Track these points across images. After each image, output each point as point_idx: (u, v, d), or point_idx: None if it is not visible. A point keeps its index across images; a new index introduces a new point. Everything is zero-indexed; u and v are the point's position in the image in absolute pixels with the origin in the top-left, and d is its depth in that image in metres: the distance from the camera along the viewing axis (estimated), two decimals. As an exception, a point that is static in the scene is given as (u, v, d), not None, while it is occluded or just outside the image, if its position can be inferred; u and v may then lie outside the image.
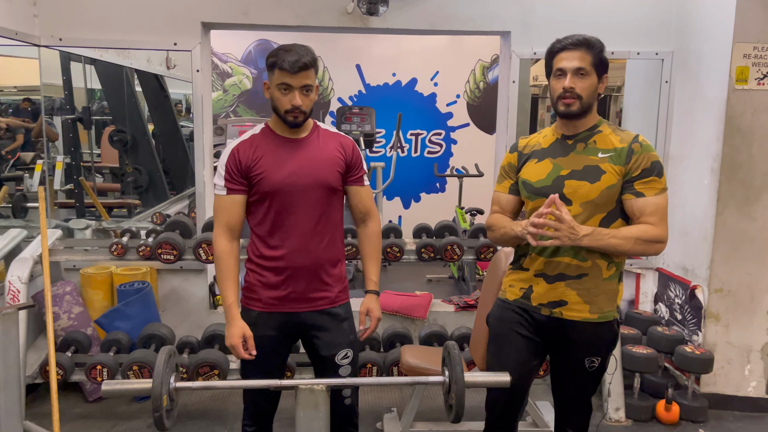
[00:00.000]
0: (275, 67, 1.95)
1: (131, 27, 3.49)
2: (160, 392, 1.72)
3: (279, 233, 2.05)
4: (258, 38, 6.56)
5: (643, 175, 1.91)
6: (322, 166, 2.05)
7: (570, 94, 1.91)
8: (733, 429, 3.22)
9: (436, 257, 3.38)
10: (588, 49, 1.91)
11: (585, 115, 1.96)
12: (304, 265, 2.06)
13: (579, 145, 1.98)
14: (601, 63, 1.93)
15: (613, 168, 1.92)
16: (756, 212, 3.24)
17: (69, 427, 3.07)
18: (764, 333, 3.33)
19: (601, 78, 1.95)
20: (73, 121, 5.94)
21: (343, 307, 2.17)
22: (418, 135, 6.82)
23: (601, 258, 1.95)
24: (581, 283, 1.97)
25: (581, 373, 2.04)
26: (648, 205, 1.90)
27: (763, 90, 3.18)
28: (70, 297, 3.40)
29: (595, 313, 1.98)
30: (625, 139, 1.95)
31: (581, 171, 1.94)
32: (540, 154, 2.04)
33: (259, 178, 2.01)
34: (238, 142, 2.07)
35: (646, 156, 1.91)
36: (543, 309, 2.02)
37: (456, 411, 1.80)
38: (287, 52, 1.94)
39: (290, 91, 1.96)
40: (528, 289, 2.05)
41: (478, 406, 3.31)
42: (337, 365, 2.14)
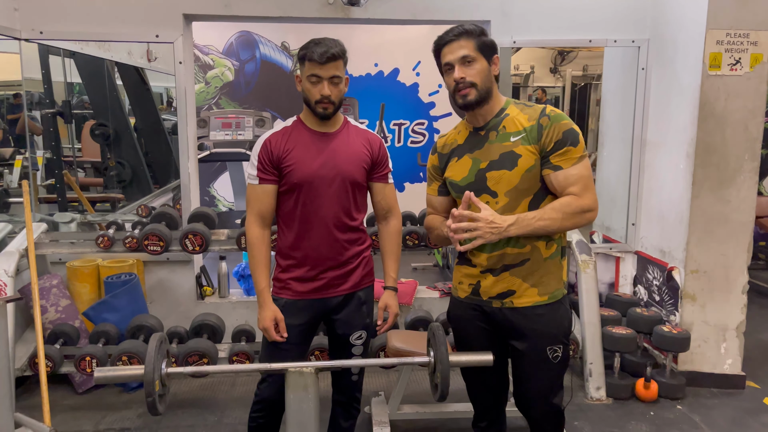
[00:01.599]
0: (305, 59, 2.03)
1: (112, 19, 3.48)
2: (152, 377, 1.76)
3: (306, 224, 2.12)
4: (239, 30, 6.54)
5: (556, 147, 1.86)
6: (349, 160, 2.12)
7: (463, 84, 1.90)
8: (710, 405, 3.32)
9: (421, 244, 3.43)
10: (468, 36, 1.91)
11: (487, 102, 1.93)
12: (330, 255, 2.14)
13: (491, 134, 1.95)
14: (486, 46, 1.92)
15: (527, 149, 1.89)
16: (730, 195, 3.33)
17: (59, 418, 3.10)
18: (739, 312, 3.44)
19: (492, 60, 1.93)
20: (53, 116, 5.90)
21: (366, 290, 2.27)
22: (401, 125, 6.86)
23: (538, 239, 1.93)
24: (525, 269, 1.95)
25: (546, 365, 1.99)
26: (568, 177, 1.86)
27: (736, 75, 3.27)
28: (57, 290, 3.41)
29: (544, 294, 1.97)
30: (532, 116, 1.91)
31: (498, 160, 1.92)
32: (459, 152, 2.03)
33: (290, 170, 2.08)
34: (271, 134, 2.14)
35: (556, 127, 1.87)
36: (494, 302, 2.00)
37: (441, 390, 1.86)
38: (317, 44, 2.01)
39: (319, 81, 2.02)
40: (476, 284, 2.02)
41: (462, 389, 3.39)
42: (351, 345, 2.24)
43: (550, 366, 2.00)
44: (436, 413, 3.03)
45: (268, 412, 2.25)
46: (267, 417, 2.26)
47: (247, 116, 5.40)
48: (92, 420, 3.12)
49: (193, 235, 3.18)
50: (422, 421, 3.07)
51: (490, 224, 1.82)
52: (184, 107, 3.60)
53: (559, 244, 2.00)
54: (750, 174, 3.32)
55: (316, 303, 2.19)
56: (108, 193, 6.31)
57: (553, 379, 2.04)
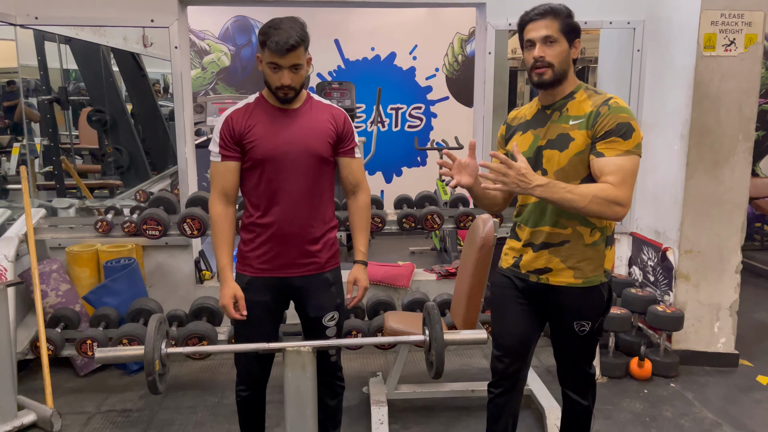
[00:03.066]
0: (265, 46, 1.99)
1: (107, 4, 3.48)
2: (152, 357, 1.79)
3: (270, 201, 2.12)
4: (235, 14, 6.51)
5: (605, 135, 1.88)
6: (313, 135, 2.11)
7: (541, 63, 1.93)
8: (703, 383, 3.37)
9: (417, 227, 3.46)
10: (554, 17, 1.93)
11: (560, 83, 1.97)
12: (294, 231, 2.14)
13: (555, 114, 2.00)
14: (570, 29, 1.94)
15: (581, 134, 1.92)
16: (724, 175, 3.36)
17: (62, 400, 3.14)
18: (732, 291, 3.48)
19: (573, 43, 1.96)
20: (49, 102, 5.88)
21: (333, 272, 2.26)
22: (398, 109, 6.86)
23: (581, 225, 1.98)
24: (564, 250, 2.01)
25: (572, 338, 2.08)
26: (608, 164, 1.86)
27: (730, 56, 3.28)
28: (57, 275, 3.44)
29: (579, 278, 2.02)
30: (596, 104, 1.93)
31: (555, 140, 1.97)
32: (524, 126, 2.09)
33: (252, 146, 2.08)
34: (233, 110, 2.13)
35: (613, 117, 1.87)
36: (531, 276, 2.08)
37: (436, 367, 1.89)
38: (276, 30, 1.97)
39: (279, 69, 2.00)
40: (518, 258, 2.11)
41: (459, 369, 3.45)
42: (324, 326, 2.25)
43: (577, 338, 2.08)
44: (432, 392, 3.08)
45: (249, 385, 2.30)
46: (250, 389, 2.31)
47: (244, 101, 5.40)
48: (94, 402, 3.17)
49: (192, 219, 3.20)
50: (419, 401, 3.13)
51: (520, 176, 1.84)
52: (180, 92, 3.61)
53: (603, 232, 2.01)
54: (744, 155, 3.34)
55: (281, 281, 2.18)
56: (106, 180, 6.30)
57: (581, 350, 2.14)
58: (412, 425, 2.96)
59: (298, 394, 1.91)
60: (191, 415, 3.05)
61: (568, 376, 2.22)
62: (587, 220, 1.99)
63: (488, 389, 2.30)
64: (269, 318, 2.24)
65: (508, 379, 2.24)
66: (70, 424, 2.96)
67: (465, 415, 3.00)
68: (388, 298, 3.50)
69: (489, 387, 2.30)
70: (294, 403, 1.91)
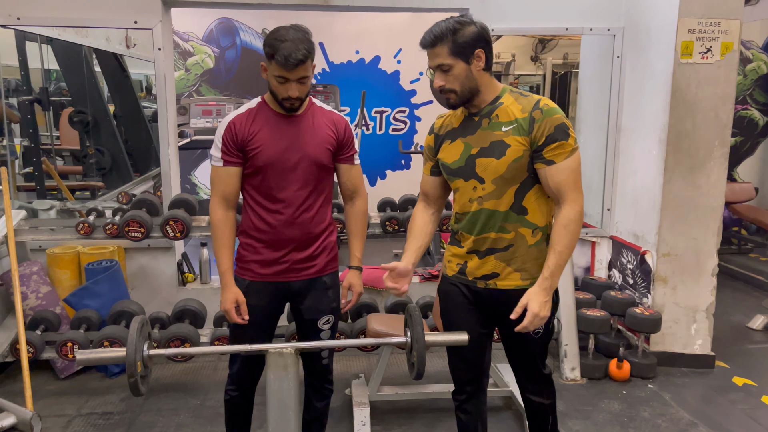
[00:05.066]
0: (272, 59, 1.98)
1: (90, 5, 3.46)
2: (134, 358, 1.79)
3: (269, 206, 2.13)
4: (219, 16, 6.49)
5: (548, 141, 1.89)
6: (314, 143, 2.12)
7: (442, 90, 1.95)
8: (681, 384, 3.43)
9: (401, 230, 3.48)
10: (441, 43, 1.90)
11: (475, 97, 1.96)
12: (294, 236, 2.15)
13: (484, 121, 1.98)
14: (463, 47, 1.90)
15: (517, 140, 1.92)
16: (700, 180, 3.42)
17: (42, 403, 3.12)
18: (709, 294, 3.54)
19: (473, 57, 1.91)
20: (30, 103, 5.83)
21: (331, 276, 2.28)
22: (383, 112, 6.88)
23: (523, 227, 2.00)
24: (509, 254, 2.02)
25: (527, 340, 2.07)
26: (559, 171, 1.90)
27: (707, 63, 3.35)
28: (38, 276, 3.41)
29: (526, 280, 2.02)
30: (526, 108, 1.92)
31: (488, 148, 1.96)
32: (453, 135, 2.06)
33: (255, 152, 2.08)
34: (235, 116, 2.12)
35: (548, 122, 1.89)
36: (479, 282, 2.07)
37: (417, 368, 1.92)
38: (283, 43, 1.95)
39: (287, 82, 2.00)
40: (463, 265, 2.10)
41: (440, 371, 3.47)
42: (319, 329, 2.27)
43: (532, 341, 2.09)
44: (415, 394, 3.10)
45: (238, 386, 2.32)
46: (239, 390, 2.33)
47: (227, 103, 5.40)
48: (75, 404, 3.15)
49: (174, 222, 3.19)
50: (402, 402, 3.15)
51: (542, 318, 1.92)
52: (164, 94, 3.60)
53: (545, 232, 2.03)
54: (720, 160, 3.41)
55: (279, 285, 2.20)
56: (87, 181, 6.26)
57: (536, 351, 2.14)
58: (394, 427, 2.97)
59: (280, 396, 1.92)
60: (173, 417, 3.04)
61: (525, 379, 2.20)
62: (529, 222, 2.00)
63: (453, 397, 2.30)
64: (266, 322, 2.26)
65: (469, 384, 2.25)
66: (51, 427, 2.93)
67: (446, 417, 3.02)
68: (371, 300, 3.51)
69: (453, 395, 2.30)
70: (276, 405, 1.93)
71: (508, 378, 3.16)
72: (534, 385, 2.21)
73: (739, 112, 6.21)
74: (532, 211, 2.00)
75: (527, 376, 2.20)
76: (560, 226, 1.92)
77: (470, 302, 2.13)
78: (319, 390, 2.40)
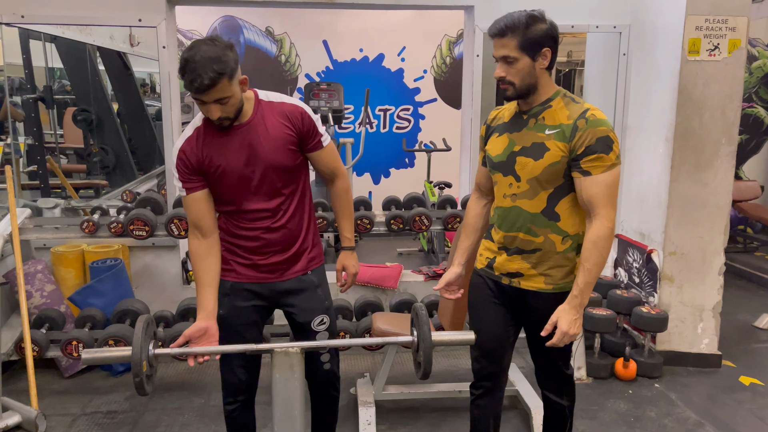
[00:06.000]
0: (184, 84, 1.83)
1: (95, 3, 3.46)
2: (140, 358, 1.78)
3: (244, 218, 2.05)
4: (223, 14, 6.50)
5: (587, 152, 1.88)
6: (272, 148, 1.98)
7: (501, 82, 1.94)
8: (687, 383, 3.42)
9: (405, 228, 3.47)
10: (512, 35, 1.87)
11: (530, 95, 1.96)
12: (274, 239, 2.08)
13: (531, 121, 1.99)
14: (531, 42, 1.88)
15: (557, 145, 1.91)
16: (707, 178, 3.40)
17: (47, 402, 3.12)
18: (715, 293, 3.52)
19: (539, 54, 1.90)
20: (34, 101, 5.83)
21: (316, 272, 2.20)
22: (387, 111, 6.87)
23: (553, 233, 2.00)
24: (535, 257, 2.03)
25: (546, 340, 2.06)
26: (594, 184, 1.89)
27: (714, 61, 3.32)
28: (42, 275, 3.41)
29: (549, 284, 2.04)
30: (572, 115, 1.92)
31: (529, 147, 1.97)
32: (501, 129, 2.09)
33: (217, 174, 1.98)
34: (183, 142, 1.99)
35: (591, 132, 1.87)
36: (503, 278, 2.11)
37: (424, 368, 1.90)
38: (188, 66, 1.79)
39: (205, 104, 1.86)
40: (492, 259, 2.13)
41: (446, 369, 3.46)
42: (314, 331, 2.19)
43: None
44: (420, 393, 3.09)
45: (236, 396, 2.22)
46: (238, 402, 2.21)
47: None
48: (79, 403, 3.15)
49: (179, 220, 3.19)
50: (407, 401, 3.14)
51: (572, 335, 1.94)
52: (168, 92, 3.60)
53: (575, 240, 2.02)
54: (727, 158, 3.39)
55: (263, 287, 2.13)
56: (91, 180, 6.25)
57: (557, 352, 2.13)
58: (400, 426, 2.96)
59: (286, 395, 1.91)
60: (177, 416, 3.04)
61: (546, 377, 2.23)
62: (560, 229, 2.00)
63: (470, 390, 2.32)
64: (252, 324, 2.18)
65: (488, 379, 2.26)
66: (55, 426, 2.93)
67: (452, 416, 3.01)
68: (375, 299, 3.50)
69: (470, 388, 2.32)
70: (282, 405, 1.91)
71: (514, 377, 3.15)
72: (554, 384, 2.23)
73: (745, 110, 6.17)
74: (564, 219, 1.99)
75: (548, 374, 2.22)
76: (590, 243, 1.91)
77: (496, 297, 2.16)
78: (324, 396, 2.31)
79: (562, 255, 2.02)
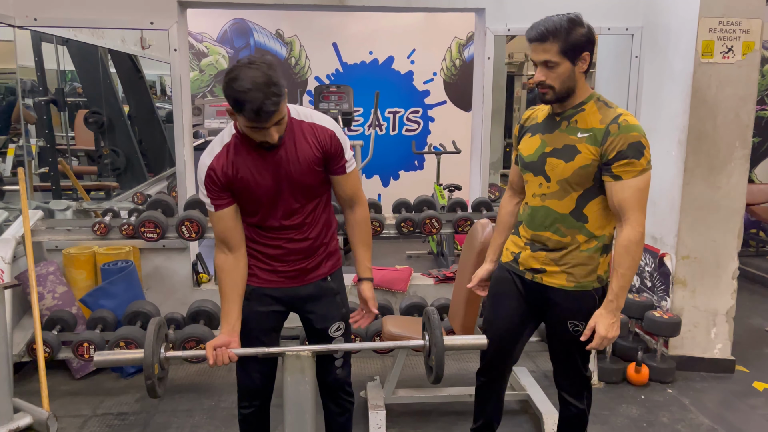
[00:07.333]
0: (240, 113, 1.77)
1: (107, 6, 3.47)
2: (151, 360, 1.79)
3: (268, 232, 2.06)
4: (233, 17, 6.52)
5: (618, 157, 1.90)
6: (299, 167, 1.97)
7: (541, 86, 1.97)
8: (700, 389, 3.38)
9: (416, 231, 3.46)
10: (554, 39, 1.89)
11: (567, 98, 1.98)
12: (296, 248, 2.08)
13: (563, 123, 2.02)
14: (572, 47, 1.90)
15: (588, 148, 1.94)
16: (720, 182, 3.37)
17: (58, 403, 3.13)
18: (729, 297, 3.49)
19: (578, 60, 1.92)
20: (46, 103, 5.87)
21: (335, 277, 2.20)
22: (396, 113, 6.87)
23: (580, 233, 2.03)
24: (560, 255, 2.06)
25: (566, 337, 2.11)
26: (625, 188, 1.91)
27: (728, 63, 3.29)
28: (54, 277, 3.43)
29: (571, 282, 2.07)
30: (605, 120, 1.94)
31: (561, 149, 2.00)
32: (534, 129, 2.12)
33: (243, 190, 1.97)
34: (213, 160, 1.95)
35: (623, 138, 1.89)
36: (527, 273, 2.15)
37: (436, 372, 1.90)
38: (247, 93, 1.72)
39: (263, 129, 1.81)
40: (517, 254, 2.18)
41: (457, 373, 3.44)
42: (330, 338, 2.19)
43: (570, 337, 2.11)
44: (430, 397, 3.08)
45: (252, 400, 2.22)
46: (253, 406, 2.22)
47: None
48: (90, 405, 3.15)
49: (190, 222, 3.20)
50: (417, 405, 3.12)
51: (610, 339, 1.99)
52: (179, 95, 3.61)
53: (601, 241, 2.05)
54: (741, 161, 3.35)
55: (284, 291, 2.13)
56: (102, 182, 6.29)
57: (575, 350, 2.15)
58: (410, 430, 2.95)
59: (297, 399, 1.91)
60: (188, 418, 3.04)
61: (564, 377, 2.25)
62: (587, 230, 2.03)
63: (476, 375, 2.40)
64: (271, 330, 2.19)
65: (494, 369, 2.33)
66: (66, 427, 2.94)
67: (462, 420, 2.99)
68: (385, 302, 3.49)
69: (477, 374, 2.39)
70: (293, 408, 1.91)
71: (525, 381, 3.13)
72: (571, 385, 2.25)
73: (757, 113, 6.12)
74: (593, 221, 2.02)
75: (565, 373, 2.24)
76: (621, 248, 1.95)
77: (518, 291, 2.20)
78: (337, 402, 2.30)
79: (586, 254, 2.05)
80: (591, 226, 2.02)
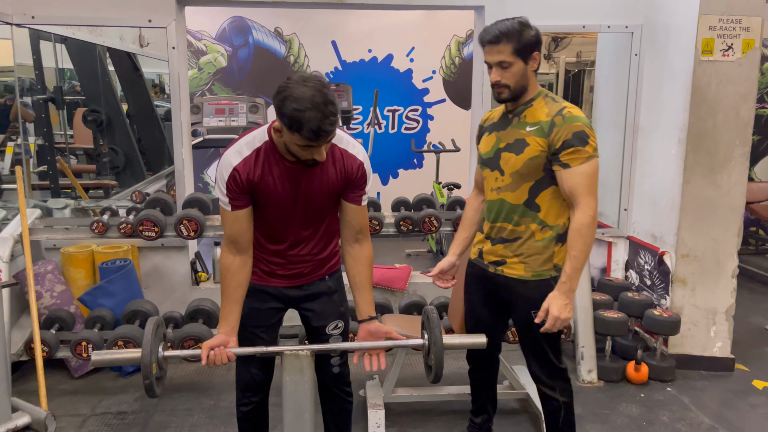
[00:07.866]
0: (297, 132, 1.70)
1: (105, 4, 3.46)
2: (149, 360, 1.78)
3: (276, 239, 2.07)
4: (232, 15, 6.50)
5: (565, 146, 2.03)
6: (320, 191, 1.96)
7: (497, 85, 2.10)
8: (699, 387, 3.38)
9: (415, 229, 3.45)
10: (507, 41, 2.03)
11: (521, 96, 2.13)
12: (299, 259, 2.10)
13: (515, 119, 2.16)
14: (524, 47, 2.04)
15: (537, 141, 2.07)
16: (721, 180, 3.36)
17: (56, 402, 3.12)
18: (729, 296, 3.48)
19: (529, 59, 2.07)
20: (44, 102, 5.85)
21: (333, 277, 2.20)
22: (395, 111, 6.85)
23: (533, 222, 2.16)
24: (516, 246, 2.20)
25: (532, 326, 2.17)
26: (574, 175, 2.04)
27: (728, 61, 3.28)
28: (52, 276, 3.42)
29: (528, 272, 2.19)
30: (550, 113, 2.08)
31: (512, 144, 2.14)
32: (491, 128, 2.27)
33: (263, 199, 1.96)
34: (240, 161, 1.90)
35: (567, 128, 2.02)
36: (490, 267, 2.28)
37: (435, 371, 1.89)
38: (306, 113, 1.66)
39: (314, 148, 1.77)
40: (481, 249, 2.32)
41: (456, 372, 3.43)
42: (328, 335, 2.20)
43: (536, 327, 2.15)
44: (429, 396, 3.07)
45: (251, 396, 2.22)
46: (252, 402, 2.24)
47: (240, 102, 5.39)
48: (89, 404, 3.15)
49: (188, 221, 3.19)
50: (416, 404, 3.12)
51: (563, 320, 2.06)
52: (177, 93, 3.60)
53: (555, 231, 2.17)
54: (741, 159, 3.35)
55: (282, 290, 2.14)
56: (101, 180, 6.28)
57: (542, 339, 2.23)
58: (409, 429, 2.95)
59: (296, 398, 1.91)
60: (187, 417, 3.03)
61: (537, 368, 2.31)
62: (540, 219, 2.15)
63: (469, 375, 2.63)
64: (269, 327, 2.20)
65: (478, 358, 2.55)
66: (65, 427, 2.93)
67: (462, 419, 2.98)
68: (385, 300, 3.49)
69: (467, 359, 2.61)
70: (292, 407, 1.91)
71: (525, 380, 3.12)
72: (546, 377, 2.30)
73: (757, 111, 6.11)
74: (545, 210, 2.15)
75: (537, 364, 2.31)
76: (574, 231, 2.06)
77: (485, 285, 2.33)
78: (336, 401, 2.30)
79: (541, 244, 2.17)
80: (544, 215, 2.14)
